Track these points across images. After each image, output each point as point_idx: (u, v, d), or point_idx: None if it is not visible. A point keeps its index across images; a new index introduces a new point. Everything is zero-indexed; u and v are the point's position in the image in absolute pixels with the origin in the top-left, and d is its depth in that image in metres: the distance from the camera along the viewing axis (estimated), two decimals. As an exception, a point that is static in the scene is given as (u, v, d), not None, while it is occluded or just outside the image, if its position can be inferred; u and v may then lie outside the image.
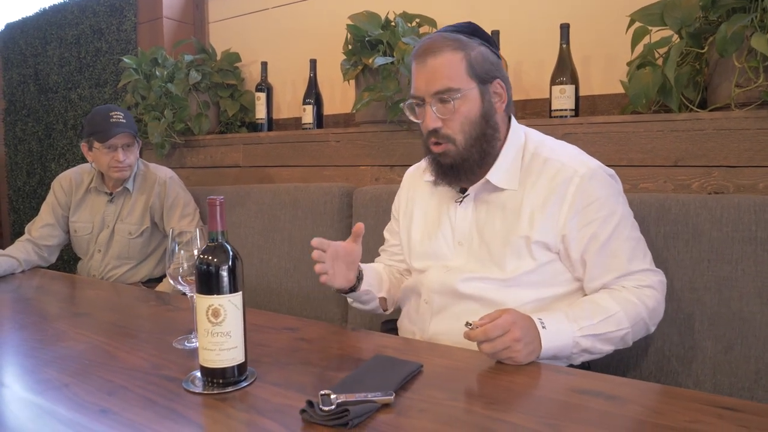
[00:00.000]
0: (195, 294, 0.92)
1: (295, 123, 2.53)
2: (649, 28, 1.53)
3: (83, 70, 3.03)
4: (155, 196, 2.05)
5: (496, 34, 1.82)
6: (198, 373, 0.95)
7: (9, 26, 3.49)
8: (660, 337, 1.31)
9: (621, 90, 1.70)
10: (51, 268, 2.07)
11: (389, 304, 1.39)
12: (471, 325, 0.98)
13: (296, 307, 1.94)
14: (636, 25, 1.53)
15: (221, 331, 0.90)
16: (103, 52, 2.92)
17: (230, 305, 0.90)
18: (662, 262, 1.29)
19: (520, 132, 1.24)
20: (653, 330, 1.17)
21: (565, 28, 1.73)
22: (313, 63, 2.29)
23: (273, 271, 2.00)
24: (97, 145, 1.94)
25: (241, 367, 0.93)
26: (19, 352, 1.13)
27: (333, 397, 0.80)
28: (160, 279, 2.11)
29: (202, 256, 0.91)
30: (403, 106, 1.25)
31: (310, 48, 2.41)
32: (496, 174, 1.19)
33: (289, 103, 2.59)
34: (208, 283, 0.90)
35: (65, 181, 2.12)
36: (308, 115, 2.26)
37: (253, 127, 2.60)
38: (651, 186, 1.53)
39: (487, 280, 1.18)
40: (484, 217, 1.21)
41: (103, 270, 2.07)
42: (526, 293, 1.16)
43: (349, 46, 1.99)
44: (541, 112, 1.91)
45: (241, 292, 0.92)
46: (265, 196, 2.08)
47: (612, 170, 1.20)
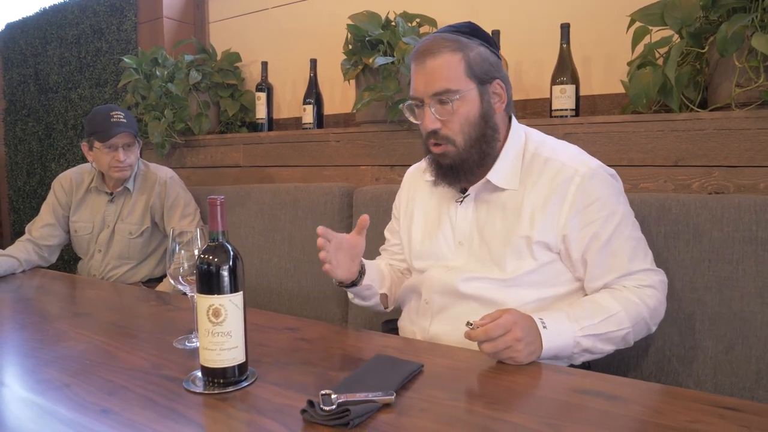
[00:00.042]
0: (196, 294, 0.92)
1: (296, 123, 2.53)
2: (650, 28, 1.53)
3: (83, 69, 3.03)
4: (156, 196, 2.05)
5: (496, 34, 1.82)
6: (198, 373, 0.95)
7: (9, 26, 3.50)
8: (661, 337, 1.31)
9: (621, 90, 1.70)
10: (51, 268, 2.07)
11: (390, 302, 1.39)
12: (472, 324, 0.98)
13: (296, 307, 1.94)
14: (636, 24, 1.53)
15: (222, 330, 0.90)
16: (103, 52, 2.92)
17: (231, 305, 0.90)
18: (663, 262, 1.29)
19: (521, 132, 1.24)
20: (654, 330, 1.17)
21: (566, 28, 1.73)
22: (313, 63, 2.29)
23: (273, 271, 2.00)
24: (97, 144, 1.94)
25: (242, 367, 0.93)
26: (19, 352, 1.13)
27: (334, 396, 0.80)
28: (160, 279, 2.11)
29: (202, 255, 0.91)
30: (403, 107, 1.25)
31: (310, 48, 2.41)
32: (497, 174, 1.19)
33: (290, 102, 2.59)
34: (209, 282, 0.90)
35: (66, 181, 2.12)
36: (308, 115, 2.26)
37: (254, 127, 2.60)
38: (651, 186, 1.53)
39: (487, 280, 1.18)
40: (485, 217, 1.21)
41: (104, 270, 2.07)
42: (527, 293, 1.16)
43: (350, 46, 1.99)
44: (541, 112, 1.91)
45: (241, 292, 0.92)
46: (265, 196, 2.08)
47: (613, 170, 1.20)
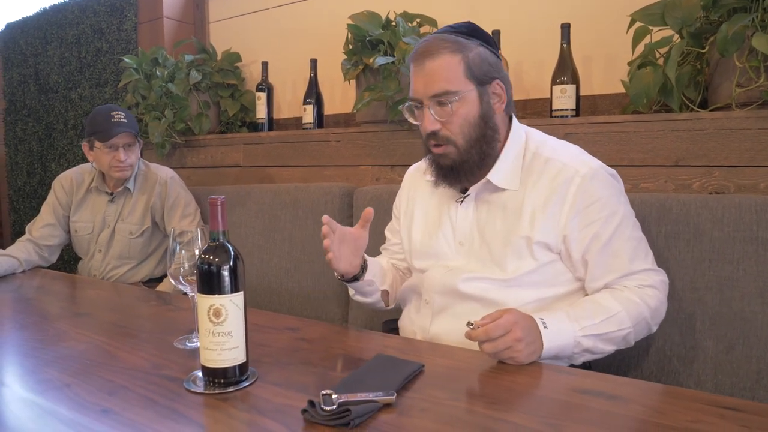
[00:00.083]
0: (196, 294, 0.92)
1: (296, 123, 2.53)
2: (650, 28, 1.53)
3: (84, 69, 3.03)
4: (156, 196, 2.05)
5: (496, 34, 1.81)
6: (199, 373, 0.95)
7: (9, 26, 3.49)
8: (661, 337, 1.30)
9: (622, 90, 1.70)
10: (51, 268, 2.07)
11: (391, 299, 1.39)
12: (472, 324, 0.98)
13: (297, 307, 1.94)
14: (637, 24, 1.53)
15: (222, 330, 0.90)
16: (103, 52, 2.92)
17: (232, 305, 0.90)
18: (663, 262, 1.29)
19: (521, 132, 1.24)
20: (655, 330, 1.17)
21: (566, 28, 1.73)
22: (313, 63, 2.29)
23: (273, 271, 2.00)
24: (98, 144, 1.94)
25: (243, 367, 0.93)
26: (19, 352, 1.13)
27: (334, 397, 0.80)
28: (160, 279, 2.11)
29: (203, 255, 0.91)
30: (402, 108, 1.24)
31: (310, 48, 2.41)
32: (497, 174, 1.19)
33: (290, 102, 2.59)
34: (210, 282, 0.90)
35: (66, 180, 2.12)
36: (309, 115, 2.26)
37: (254, 127, 2.60)
38: (652, 186, 1.53)
39: (488, 280, 1.18)
40: (485, 217, 1.21)
41: (104, 270, 2.07)
42: (527, 293, 1.16)
43: (350, 46, 1.99)
44: (541, 112, 1.91)
45: (242, 292, 0.92)
46: (265, 196, 2.08)
47: (613, 170, 1.20)
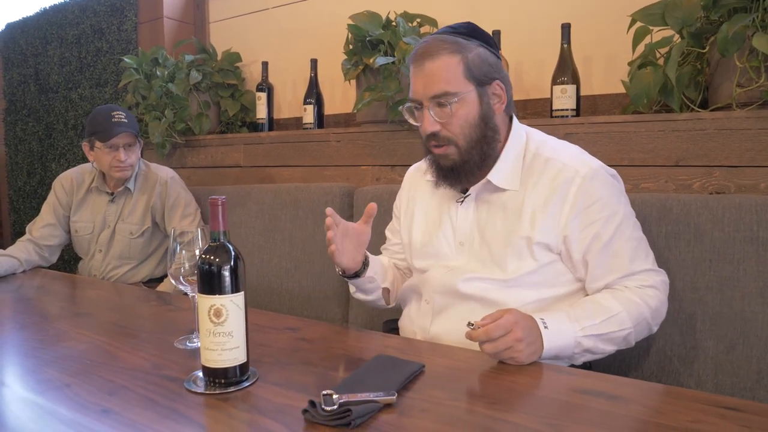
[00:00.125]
0: (197, 294, 0.92)
1: (296, 123, 2.53)
2: (650, 28, 1.53)
3: (84, 69, 3.03)
4: (156, 196, 2.05)
5: (496, 34, 1.81)
6: (200, 373, 0.95)
7: (9, 26, 3.49)
8: (662, 337, 1.30)
9: (622, 90, 1.70)
10: (52, 268, 2.07)
11: (392, 297, 1.39)
12: (473, 325, 0.98)
13: (297, 307, 1.94)
14: (637, 24, 1.53)
15: (223, 331, 0.90)
16: (103, 52, 2.92)
17: (232, 305, 0.90)
18: (664, 262, 1.29)
19: (522, 132, 1.24)
20: (656, 330, 1.17)
21: (566, 28, 1.73)
22: (313, 63, 2.29)
23: (274, 271, 2.00)
24: (98, 144, 1.94)
25: (243, 367, 0.93)
26: (20, 352, 1.13)
27: (335, 397, 0.80)
28: (161, 279, 2.11)
29: (204, 255, 0.91)
30: (402, 109, 1.24)
31: (310, 48, 2.41)
32: (497, 174, 1.19)
33: (290, 102, 2.59)
34: (211, 283, 0.90)
35: (66, 180, 2.12)
36: (309, 115, 2.26)
37: (254, 127, 2.60)
38: (652, 186, 1.53)
39: (488, 280, 1.18)
40: (485, 217, 1.21)
41: (104, 270, 2.07)
42: (528, 294, 1.16)
43: (350, 46, 1.99)
44: (542, 112, 1.91)
45: (243, 292, 0.92)
46: (265, 196, 2.08)
47: (614, 170, 1.19)
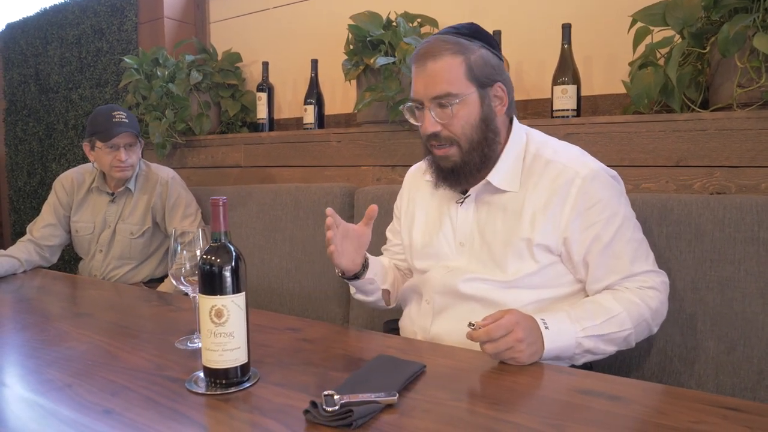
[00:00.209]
0: (198, 294, 0.92)
1: (297, 123, 2.53)
2: (651, 28, 1.53)
3: (84, 70, 3.03)
4: (157, 196, 2.05)
5: (497, 34, 1.81)
6: (201, 374, 0.95)
7: (10, 26, 3.49)
8: (662, 338, 1.30)
9: (623, 90, 1.70)
10: (52, 269, 2.07)
11: (392, 299, 1.39)
12: (474, 325, 0.98)
13: (297, 308, 1.94)
14: (638, 25, 1.53)
15: (224, 331, 0.90)
16: (104, 52, 2.92)
17: (233, 306, 0.90)
18: (664, 263, 1.29)
19: (522, 133, 1.24)
20: (656, 331, 1.17)
21: (567, 28, 1.73)
22: (314, 63, 2.29)
23: (274, 271, 2.00)
24: (99, 144, 1.94)
25: (244, 368, 0.93)
26: (21, 353, 1.13)
27: (337, 397, 0.80)
28: (161, 279, 2.11)
29: (205, 256, 0.91)
30: (403, 109, 1.24)
31: (311, 48, 2.41)
32: (497, 175, 1.19)
33: (290, 103, 2.59)
34: (212, 283, 0.90)
35: (67, 181, 2.12)
36: (309, 115, 2.26)
37: (254, 127, 2.60)
38: (653, 186, 1.53)
39: (488, 281, 1.18)
40: (485, 218, 1.21)
41: (105, 270, 2.07)
42: (528, 294, 1.16)
43: (351, 46, 1.99)
44: (542, 113, 1.91)
45: (244, 293, 0.92)
46: (266, 196, 2.08)
47: (614, 171, 1.19)
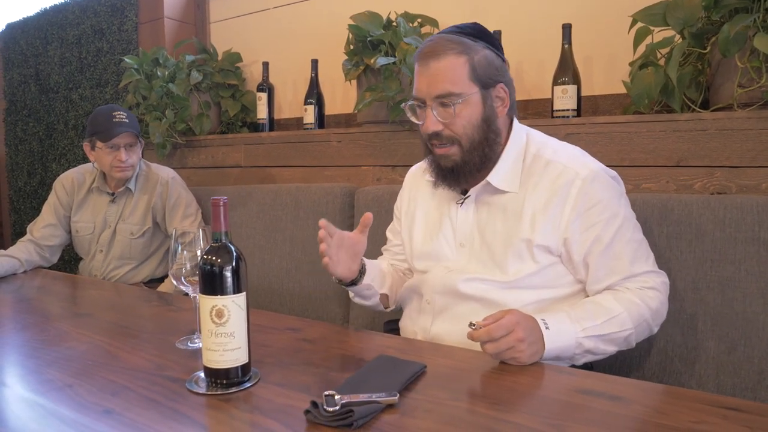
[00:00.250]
0: (199, 294, 0.92)
1: (297, 123, 2.53)
2: (652, 28, 1.53)
3: (84, 70, 3.03)
4: (157, 196, 2.05)
5: (498, 34, 1.81)
6: (201, 374, 0.95)
7: (10, 26, 3.49)
8: (663, 338, 1.30)
9: (623, 90, 1.70)
10: (52, 269, 2.07)
11: (391, 302, 1.39)
12: (474, 325, 0.98)
13: (298, 308, 1.94)
14: (638, 25, 1.53)
15: (225, 331, 0.89)
16: (104, 52, 2.92)
17: (234, 306, 0.90)
18: (665, 263, 1.29)
19: (522, 134, 1.24)
20: (656, 331, 1.17)
21: (567, 28, 1.73)
22: (314, 63, 2.29)
23: (274, 271, 2.00)
24: (99, 144, 1.94)
25: (245, 368, 0.93)
26: (21, 353, 1.13)
27: (337, 397, 0.80)
28: (162, 279, 2.11)
29: (206, 256, 0.91)
30: (405, 107, 1.25)
31: (311, 48, 2.41)
32: (497, 176, 1.19)
33: (291, 103, 2.59)
34: (212, 283, 0.90)
35: (67, 181, 2.12)
36: (310, 115, 2.26)
37: (255, 127, 2.60)
38: (653, 186, 1.53)
39: (488, 281, 1.18)
40: (485, 219, 1.21)
41: (105, 270, 2.07)
42: (528, 295, 1.16)
43: (351, 46, 1.99)
44: (542, 113, 1.91)
45: (244, 293, 0.92)
46: (266, 196, 2.08)
47: (614, 172, 1.19)
